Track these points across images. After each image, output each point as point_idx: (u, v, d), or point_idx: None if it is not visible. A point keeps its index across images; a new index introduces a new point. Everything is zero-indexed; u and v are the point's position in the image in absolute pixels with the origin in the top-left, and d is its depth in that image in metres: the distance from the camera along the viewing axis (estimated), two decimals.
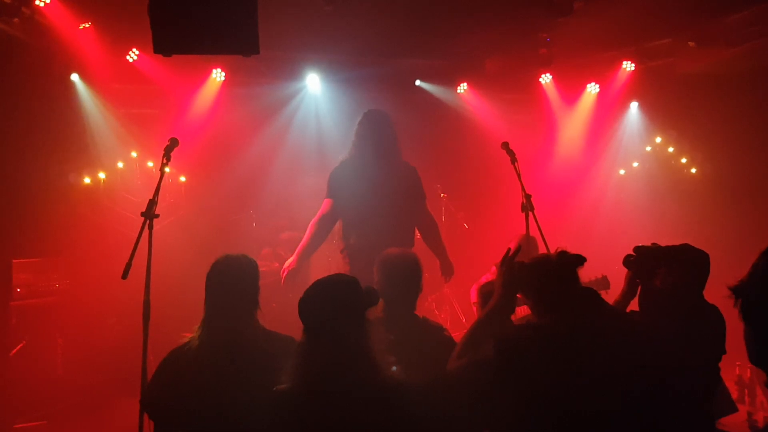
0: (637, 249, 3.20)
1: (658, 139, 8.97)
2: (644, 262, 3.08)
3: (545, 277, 2.64)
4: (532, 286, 2.69)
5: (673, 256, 3.13)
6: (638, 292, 3.14)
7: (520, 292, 2.78)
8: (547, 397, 2.39)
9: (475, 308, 5.90)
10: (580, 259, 2.65)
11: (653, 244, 3.16)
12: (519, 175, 4.32)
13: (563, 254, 2.66)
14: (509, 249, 2.89)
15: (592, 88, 8.67)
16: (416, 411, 2.44)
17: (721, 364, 3.08)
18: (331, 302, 2.50)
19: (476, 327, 2.77)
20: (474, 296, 6.10)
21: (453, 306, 8.11)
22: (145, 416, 3.11)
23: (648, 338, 2.61)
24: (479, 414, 2.59)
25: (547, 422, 2.40)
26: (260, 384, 2.54)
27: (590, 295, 2.64)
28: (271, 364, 2.58)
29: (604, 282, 4.75)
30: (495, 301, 2.79)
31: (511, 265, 2.79)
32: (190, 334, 3.02)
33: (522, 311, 4.07)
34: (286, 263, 4.78)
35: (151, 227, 3.52)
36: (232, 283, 3.01)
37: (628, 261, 3.19)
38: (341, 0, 6.06)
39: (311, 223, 4.91)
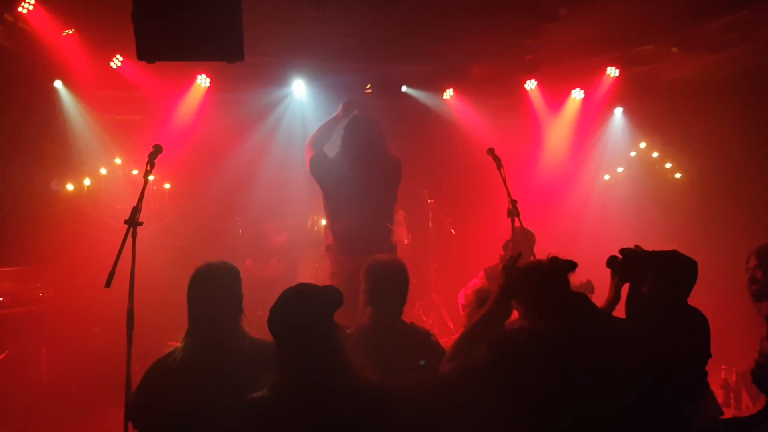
0: (622, 251, 3.21)
1: (643, 145, 9.04)
2: (630, 265, 3.08)
3: (538, 282, 2.65)
4: (525, 291, 2.70)
5: (662, 263, 3.14)
6: (625, 298, 3.15)
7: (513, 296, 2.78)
8: (540, 400, 2.40)
9: (463, 312, 5.91)
10: (571, 265, 2.67)
11: (636, 246, 3.17)
12: (505, 181, 4.34)
13: (555, 260, 2.68)
14: (511, 255, 2.89)
15: (577, 94, 8.70)
16: (401, 415, 2.43)
17: (707, 368, 3.10)
18: (296, 310, 2.50)
19: (471, 330, 2.77)
20: (462, 301, 6.09)
21: (440, 312, 8.11)
22: (130, 425, 3.08)
23: (637, 342, 2.62)
24: (471, 417, 2.59)
25: (538, 426, 2.40)
26: (247, 392, 2.52)
27: (582, 300, 2.65)
28: (258, 372, 2.57)
29: (589, 286, 4.77)
30: (492, 305, 2.78)
31: (512, 269, 2.79)
32: (175, 342, 2.99)
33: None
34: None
35: (134, 235, 3.50)
36: (213, 291, 2.99)
37: (613, 261, 3.19)
38: (327, 6, 6.06)
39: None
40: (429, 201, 8.33)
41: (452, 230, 8.33)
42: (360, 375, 2.47)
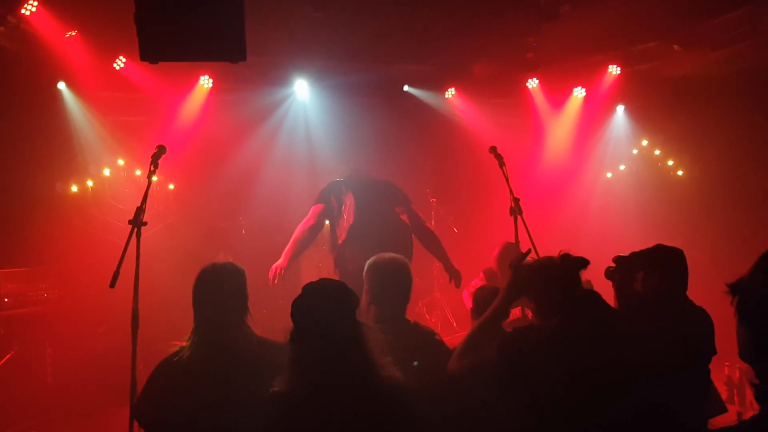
0: (616, 259, 3.22)
1: (645, 142, 9.03)
2: (625, 271, 3.10)
3: (550, 279, 2.64)
4: (537, 288, 2.69)
5: (648, 258, 3.15)
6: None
7: (524, 294, 2.78)
8: (551, 398, 2.40)
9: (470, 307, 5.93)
10: (583, 262, 2.65)
11: (632, 253, 3.18)
12: (507, 179, 4.33)
13: (566, 257, 2.66)
14: (519, 253, 2.89)
15: (579, 92, 8.72)
16: (416, 412, 2.43)
17: (710, 365, 3.11)
18: (324, 304, 2.49)
19: (477, 329, 2.77)
20: (467, 300, 6.11)
21: (444, 310, 8.13)
22: (135, 425, 3.09)
23: (645, 340, 2.62)
24: (481, 415, 2.59)
25: (549, 424, 2.40)
26: (255, 391, 2.52)
27: (593, 298, 2.65)
28: (266, 371, 2.57)
29: (588, 285, 4.78)
30: (500, 303, 2.77)
31: (519, 268, 2.79)
32: (179, 342, 3.00)
33: (514, 313, 4.09)
34: (276, 263, 4.87)
35: (138, 235, 3.50)
36: (219, 291, 2.98)
37: (609, 272, 3.20)
38: (329, 6, 6.07)
39: (299, 227, 5.13)
40: (431, 200, 8.34)
41: (454, 229, 8.34)
42: (383, 369, 2.47)
